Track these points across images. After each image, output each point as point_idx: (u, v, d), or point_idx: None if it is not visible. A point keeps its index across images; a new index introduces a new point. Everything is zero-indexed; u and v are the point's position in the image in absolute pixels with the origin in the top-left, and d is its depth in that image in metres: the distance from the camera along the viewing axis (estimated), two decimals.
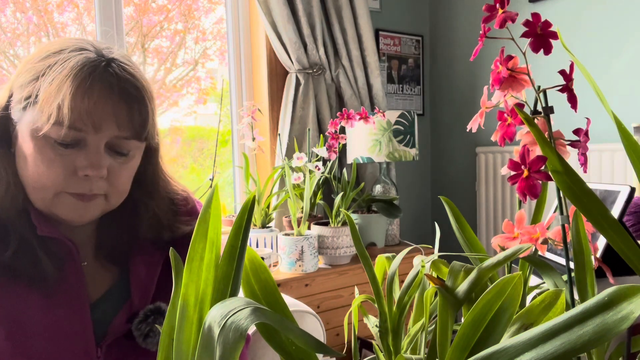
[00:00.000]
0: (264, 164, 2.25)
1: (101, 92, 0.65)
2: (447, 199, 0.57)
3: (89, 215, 0.70)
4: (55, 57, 0.67)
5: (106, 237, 0.77)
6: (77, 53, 0.67)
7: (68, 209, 0.68)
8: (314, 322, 1.14)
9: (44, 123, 0.64)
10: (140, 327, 0.72)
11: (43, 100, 0.64)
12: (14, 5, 1.83)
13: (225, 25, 2.27)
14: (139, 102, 0.69)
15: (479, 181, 2.56)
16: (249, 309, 0.31)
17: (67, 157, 0.66)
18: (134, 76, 0.69)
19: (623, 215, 1.01)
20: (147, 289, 0.75)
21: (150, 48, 2.15)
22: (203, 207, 0.39)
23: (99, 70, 0.66)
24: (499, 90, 0.46)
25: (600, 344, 0.27)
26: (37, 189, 0.67)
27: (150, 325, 0.72)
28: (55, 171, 0.66)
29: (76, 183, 0.67)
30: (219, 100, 2.13)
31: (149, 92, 0.71)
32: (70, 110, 0.63)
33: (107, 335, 0.71)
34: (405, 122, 2.00)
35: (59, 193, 0.67)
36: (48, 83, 0.64)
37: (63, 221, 0.69)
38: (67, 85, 0.64)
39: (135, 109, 0.68)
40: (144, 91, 0.70)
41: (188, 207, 0.84)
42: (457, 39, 2.71)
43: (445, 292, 0.41)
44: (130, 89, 0.68)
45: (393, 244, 2.17)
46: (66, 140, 0.65)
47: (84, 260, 0.75)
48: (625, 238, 0.38)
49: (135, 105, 0.68)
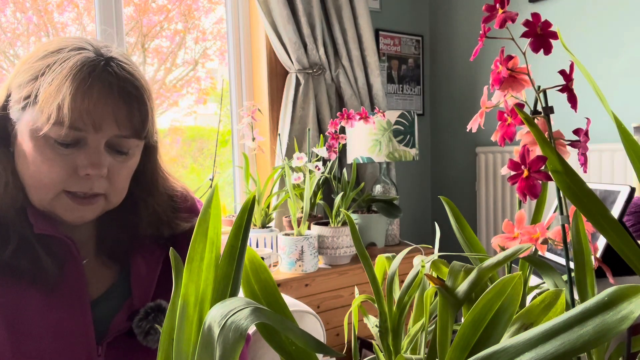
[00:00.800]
0: (264, 164, 2.25)
1: (101, 91, 0.65)
2: (447, 199, 0.57)
3: (89, 216, 0.70)
4: (54, 56, 0.66)
5: (107, 234, 0.77)
6: (76, 52, 0.67)
7: (68, 210, 0.68)
8: (314, 322, 1.14)
9: (44, 123, 0.64)
10: (141, 324, 0.72)
11: (43, 100, 0.64)
12: (14, 5, 1.83)
13: (225, 25, 2.27)
14: (139, 101, 0.69)
15: (479, 181, 2.56)
16: (249, 309, 0.31)
17: (68, 156, 0.66)
18: (133, 75, 0.69)
19: (623, 215, 1.01)
20: (147, 287, 0.76)
21: (150, 48, 2.15)
22: (203, 207, 0.39)
23: (98, 70, 0.66)
24: (499, 90, 0.46)
25: (600, 344, 0.27)
26: (37, 188, 0.67)
27: (150, 322, 0.72)
28: (56, 171, 0.66)
29: (77, 182, 0.67)
30: (219, 100, 2.13)
31: (147, 91, 0.71)
32: (70, 110, 0.63)
33: (108, 334, 0.71)
34: (405, 122, 2.00)
35: (60, 193, 0.67)
36: (47, 83, 0.64)
37: (63, 221, 0.69)
38: (67, 85, 0.64)
39: (135, 107, 0.68)
40: (142, 90, 0.70)
41: (187, 204, 0.84)
42: (457, 39, 2.71)
43: (445, 292, 0.41)
44: (129, 88, 0.68)
45: (393, 244, 2.17)
46: (66, 140, 0.65)
47: (84, 259, 0.74)
48: (625, 238, 0.38)
49: (134, 104, 0.68)
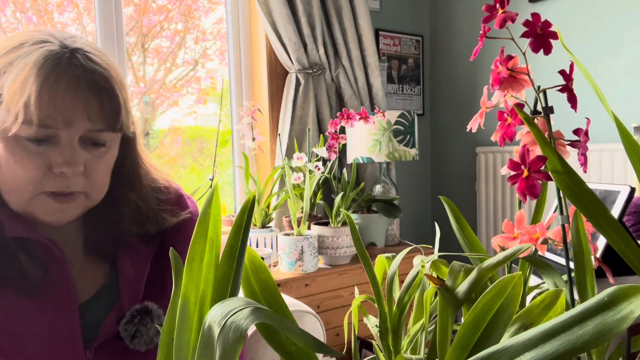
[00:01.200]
0: (264, 164, 2.25)
1: (68, 86, 0.62)
2: (447, 199, 0.57)
3: (70, 216, 0.67)
4: (16, 52, 0.63)
5: (92, 233, 0.75)
6: (39, 46, 0.63)
7: (47, 211, 0.65)
8: (314, 322, 1.14)
9: (12, 123, 0.61)
10: (127, 327, 0.70)
11: (8, 99, 0.61)
12: (14, 5, 1.83)
13: (225, 25, 2.27)
14: (109, 93, 0.65)
15: (479, 181, 2.56)
16: (249, 309, 0.31)
17: (41, 155, 0.63)
18: (101, 65, 0.65)
19: (623, 215, 1.01)
20: (136, 288, 0.74)
21: (150, 48, 2.15)
22: (203, 207, 0.39)
23: (63, 63, 0.62)
24: (499, 90, 0.46)
25: (600, 344, 0.27)
26: (14, 191, 0.65)
27: (136, 325, 0.70)
28: (30, 171, 0.63)
29: (53, 181, 0.64)
30: (219, 100, 2.13)
31: (118, 81, 0.67)
32: (37, 108, 0.60)
33: (98, 337, 0.70)
34: (405, 122, 2.00)
35: (37, 195, 0.64)
36: (11, 80, 0.61)
37: (44, 223, 0.67)
38: (32, 81, 0.60)
39: (106, 99, 0.65)
40: (112, 80, 0.66)
41: (171, 197, 0.80)
42: (457, 39, 2.71)
43: (445, 292, 0.41)
44: (98, 80, 0.64)
45: (393, 244, 2.17)
46: (38, 137, 0.62)
47: (70, 260, 0.73)
48: (625, 238, 0.38)
49: (104, 96, 0.65)
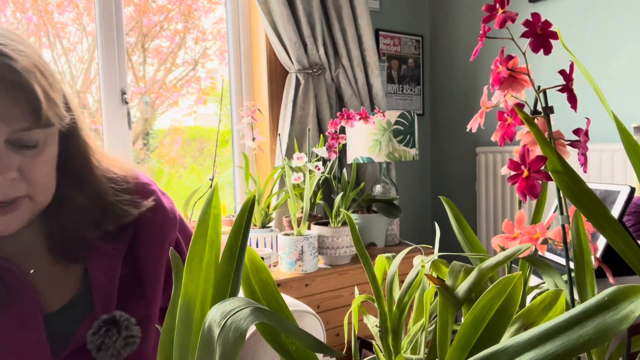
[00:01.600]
0: (264, 164, 2.25)
1: None
2: (447, 199, 0.57)
3: (17, 224, 0.62)
4: None
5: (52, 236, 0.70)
6: None
7: None
8: (314, 322, 1.14)
9: None
10: (92, 339, 0.66)
11: None
12: (14, 5, 1.83)
13: (225, 25, 2.27)
14: (23, 88, 0.57)
15: (479, 181, 2.56)
16: (249, 309, 0.31)
17: None
18: (10, 57, 0.57)
19: (623, 215, 1.01)
20: (109, 295, 0.70)
21: (150, 48, 2.15)
22: (203, 207, 0.39)
23: None
24: (499, 90, 0.46)
25: (600, 344, 0.27)
26: None
27: (102, 337, 0.66)
28: None
29: None
30: (219, 100, 2.13)
31: (33, 71, 0.59)
32: None
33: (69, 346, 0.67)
34: (405, 122, 2.00)
35: None
36: None
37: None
38: None
39: (20, 96, 0.57)
40: (26, 72, 0.58)
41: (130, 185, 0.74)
42: (457, 39, 2.71)
43: (445, 292, 0.41)
44: (8, 75, 0.57)
45: (393, 244, 2.17)
46: None
47: (30, 268, 0.68)
48: (625, 238, 0.38)
49: (18, 92, 0.57)
